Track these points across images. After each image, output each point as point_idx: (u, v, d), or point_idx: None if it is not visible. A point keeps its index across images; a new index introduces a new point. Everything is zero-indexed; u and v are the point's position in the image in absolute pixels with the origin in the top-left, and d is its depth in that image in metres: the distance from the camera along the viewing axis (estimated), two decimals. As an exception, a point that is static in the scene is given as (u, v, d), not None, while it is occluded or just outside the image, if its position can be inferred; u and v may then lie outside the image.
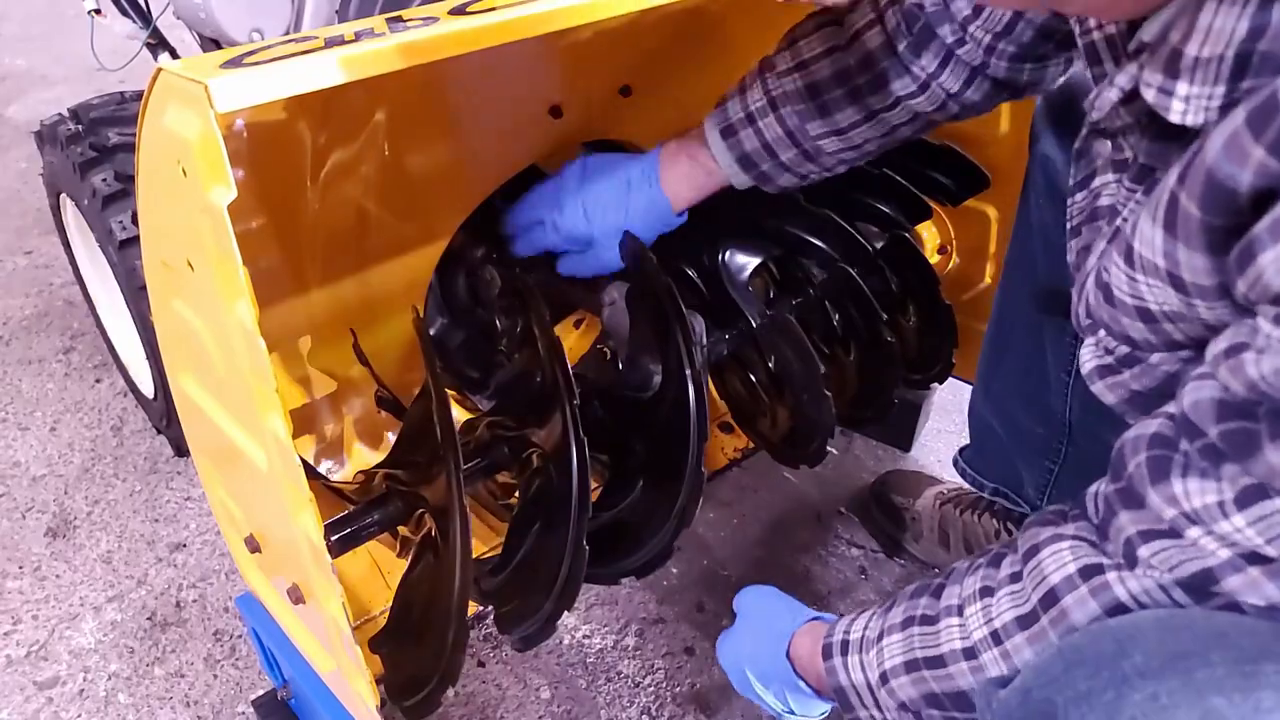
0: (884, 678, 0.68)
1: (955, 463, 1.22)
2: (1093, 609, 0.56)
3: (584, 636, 1.19)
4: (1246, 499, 0.48)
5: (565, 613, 0.79)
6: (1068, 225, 0.72)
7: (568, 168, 0.96)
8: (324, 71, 0.53)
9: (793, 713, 0.81)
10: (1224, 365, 0.47)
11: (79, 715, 1.12)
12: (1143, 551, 0.54)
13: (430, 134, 0.92)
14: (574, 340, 1.32)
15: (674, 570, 1.27)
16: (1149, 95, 0.51)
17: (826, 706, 0.79)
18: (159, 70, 0.56)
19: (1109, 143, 0.65)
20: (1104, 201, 0.66)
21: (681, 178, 0.93)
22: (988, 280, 1.28)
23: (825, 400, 0.99)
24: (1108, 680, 0.47)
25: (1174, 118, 0.49)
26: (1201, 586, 0.52)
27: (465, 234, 1.04)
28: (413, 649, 0.80)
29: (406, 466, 0.82)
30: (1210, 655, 0.46)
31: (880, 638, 0.70)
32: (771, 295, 1.11)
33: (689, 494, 0.84)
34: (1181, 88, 0.48)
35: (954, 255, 1.32)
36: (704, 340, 0.94)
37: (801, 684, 0.79)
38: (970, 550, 1.21)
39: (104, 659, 1.19)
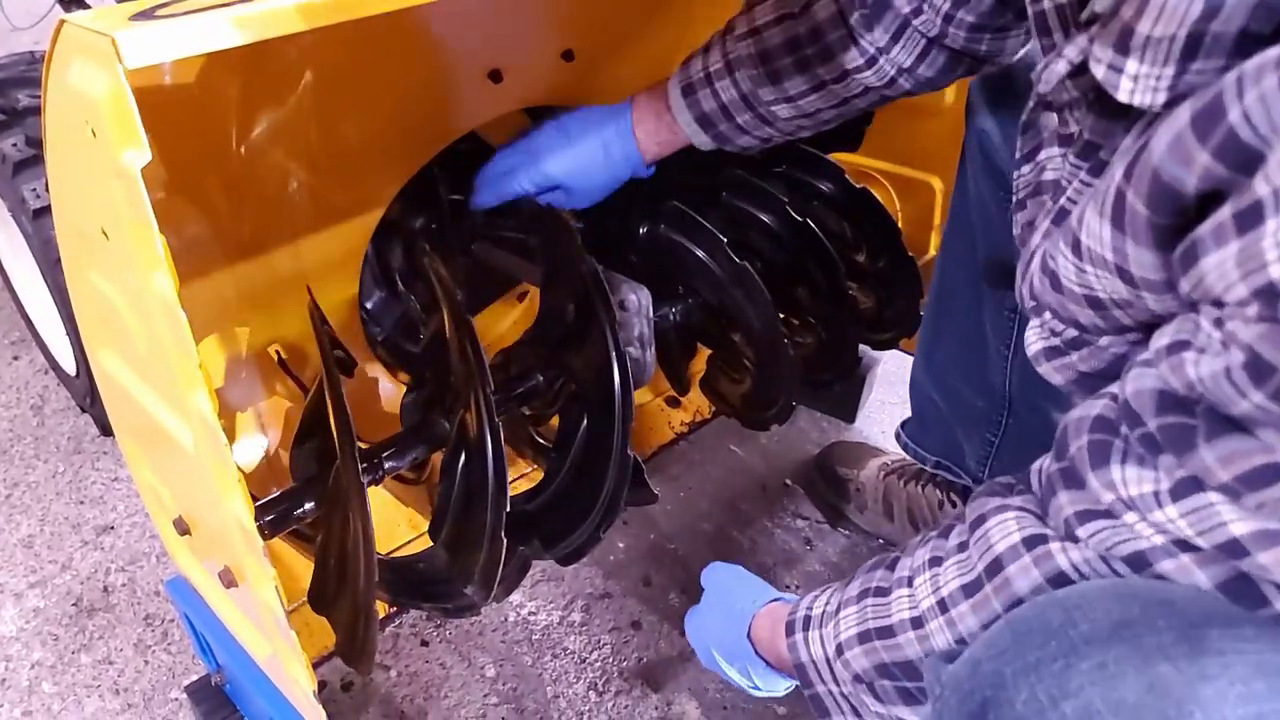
0: (839, 649, 0.69)
1: (897, 436, 1.23)
2: (1035, 578, 0.56)
3: (529, 613, 1.17)
4: (1180, 491, 0.48)
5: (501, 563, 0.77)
6: (1013, 199, 0.71)
7: (545, 127, 0.96)
8: (244, 26, 0.49)
9: (758, 688, 0.82)
10: (1165, 361, 0.47)
11: (0, 706, 1.07)
12: (1080, 531, 0.54)
13: (363, 97, 0.88)
14: (518, 313, 1.30)
15: (620, 545, 1.27)
16: (1098, 71, 0.50)
17: (791, 682, 0.80)
18: (62, 23, 0.52)
19: (1055, 116, 0.64)
20: (1049, 176, 0.65)
21: (649, 134, 0.94)
22: (933, 251, 1.28)
23: (784, 347, 0.98)
24: (1056, 650, 0.47)
25: (1122, 96, 0.48)
26: (1138, 565, 0.52)
27: (403, 203, 1.00)
28: (333, 619, 0.78)
29: (321, 449, 0.80)
30: (1157, 622, 0.46)
31: (838, 611, 0.70)
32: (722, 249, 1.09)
33: (623, 398, 0.84)
34: (1131, 66, 0.47)
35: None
36: (650, 313, 0.92)
37: (761, 663, 0.80)
38: (914, 521, 1.22)
39: (26, 647, 1.14)
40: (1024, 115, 0.69)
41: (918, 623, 0.63)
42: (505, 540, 0.76)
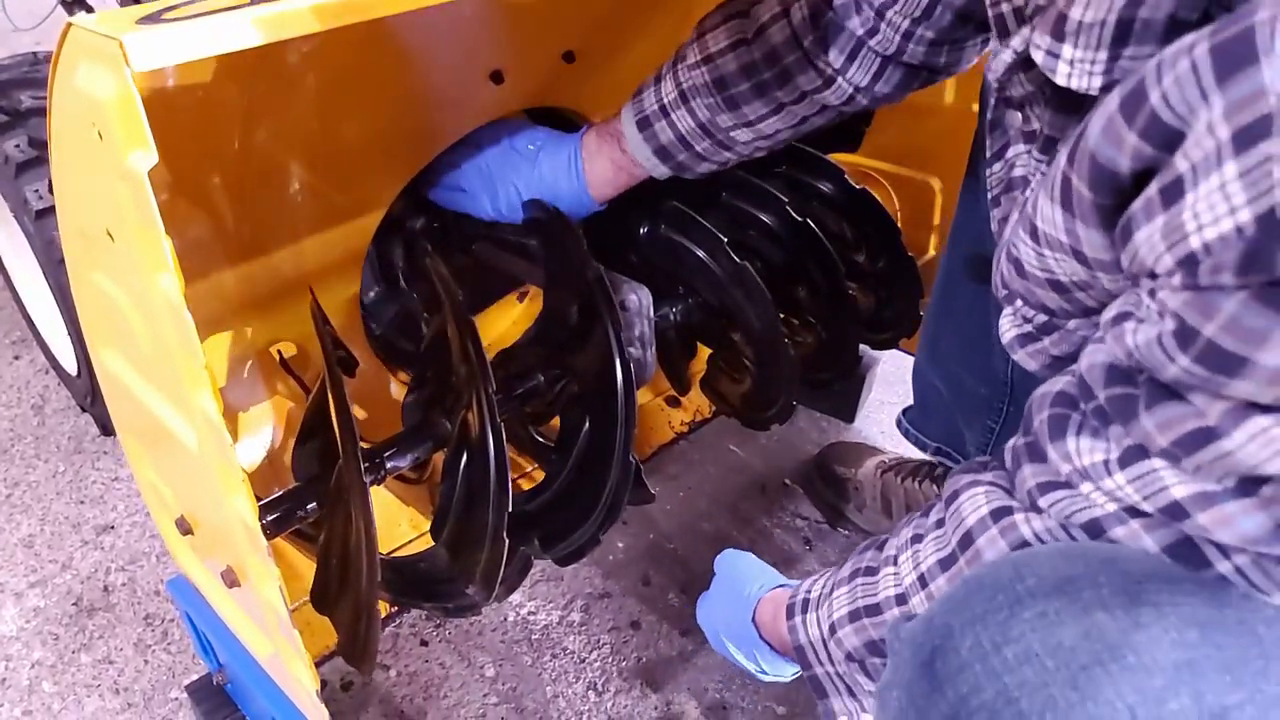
0: (832, 629, 0.70)
1: (899, 423, 1.23)
2: (1002, 548, 0.58)
3: (529, 613, 1.18)
4: (1127, 459, 0.50)
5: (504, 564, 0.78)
6: (989, 196, 0.72)
7: (500, 150, 0.96)
8: (250, 29, 0.50)
9: (765, 672, 0.84)
10: (1110, 332, 0.50)
11: (0, 705, 1.08)
12: (1042, 502, 0.57)
13: (365, 98, 0.88)
14: (519, 313, 1.30)
15: (619, 545, 1.27)
16: (1037, 57, 0.52)
17: (796, 668, 0.81)
18: (69, 26, 0.52)
19: (1019, 114, 0.66)
20: (1018, 172, 0.67)
21: (604, 177, 0.93)
22: (931, 252, 1.29)
23: (784, 347, 0.98)
24: (1002, 601, 0.49)
25: (1060, 80, 0.50)
26: (1094, 531, 0.54)
27: (404, 203, 1.01)
28: (335, 618, 0.79)
29: (324, 449, 0.80)
30: (1098, 577, 0.48)
31: (831, 592, 0.72)
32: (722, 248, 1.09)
33: (626, 400, 0.84)
34: (1066, 50, 0.49)
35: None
36: (651, 313, 0.92)
37: (766, 647, 0.82)
38: (912, 518, 1.23)
39: (26, 647, 1.14)
40: (989, 115, 0.71)
41: (901, 599, 0.65)
42: (507, 540, 0.76)
